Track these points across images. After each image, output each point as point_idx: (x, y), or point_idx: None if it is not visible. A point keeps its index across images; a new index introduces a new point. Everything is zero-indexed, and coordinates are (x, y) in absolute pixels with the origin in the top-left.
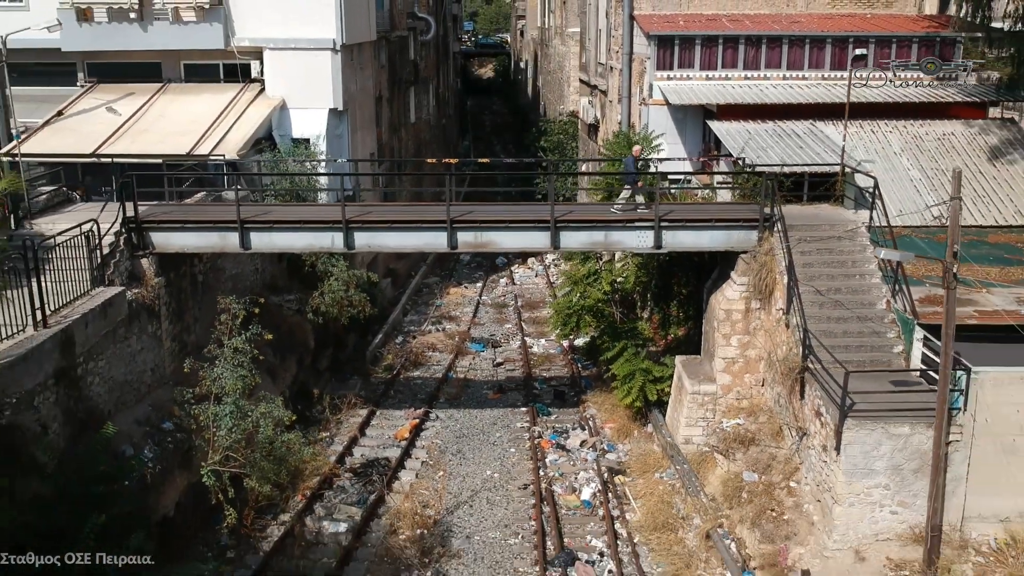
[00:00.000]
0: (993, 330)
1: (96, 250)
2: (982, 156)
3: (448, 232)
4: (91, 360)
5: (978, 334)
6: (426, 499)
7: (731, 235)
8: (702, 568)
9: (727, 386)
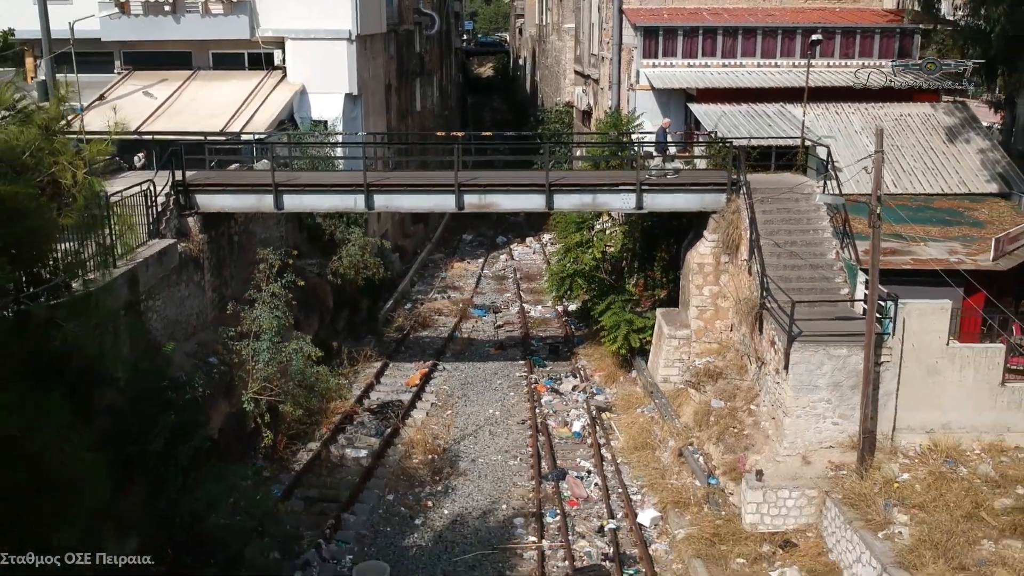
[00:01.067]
0: (927, 275)
1: (152, 207)
2: (933, 135)
3: (456, 194)
4: (150, 298)
5: (915, 279)
6: (436, 432)
7: (703, 197)
8: (674, 478)
9: (700, 331)
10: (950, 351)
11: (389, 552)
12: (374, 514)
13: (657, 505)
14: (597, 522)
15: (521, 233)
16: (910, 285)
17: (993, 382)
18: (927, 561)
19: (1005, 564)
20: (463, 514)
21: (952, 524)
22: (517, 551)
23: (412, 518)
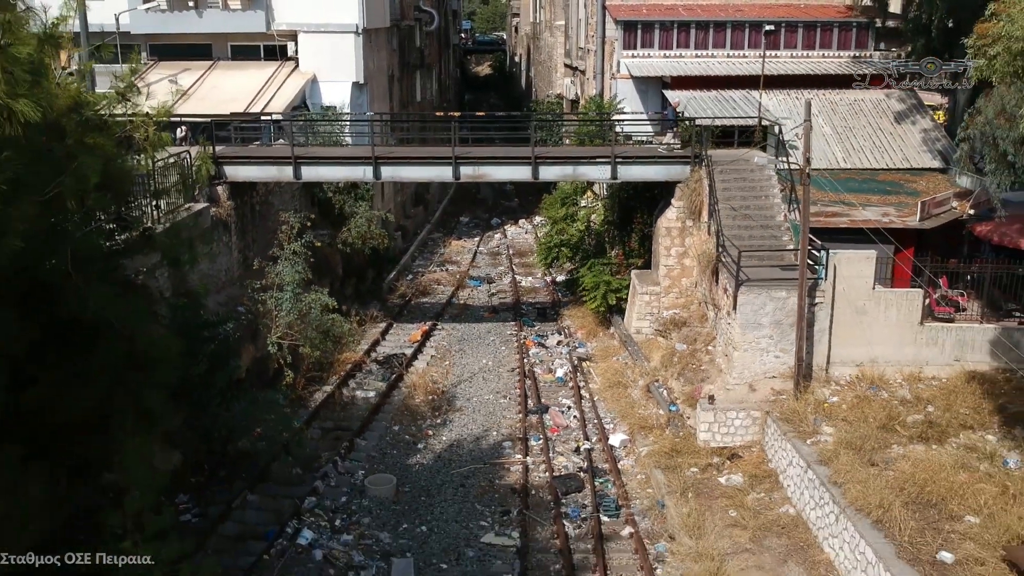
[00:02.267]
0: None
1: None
2: (883, 118)
3: (453, 166)
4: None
5: (857, 238)
6: (435, 378)
7: (670, 169)
8: (642, 409)
9: (668, 287)
10: (876, 294)
11: (395, 468)
12: (382, 440)
13: (626, 430)
14: (574, 444)
15: (514, 216)
16: (852, 243)
17: (913, 322)
18: (844, 459)
19: (908, 460)
20: (459, 439)
21: (868, 432)
22: (505, 465)
23: (415, 443)
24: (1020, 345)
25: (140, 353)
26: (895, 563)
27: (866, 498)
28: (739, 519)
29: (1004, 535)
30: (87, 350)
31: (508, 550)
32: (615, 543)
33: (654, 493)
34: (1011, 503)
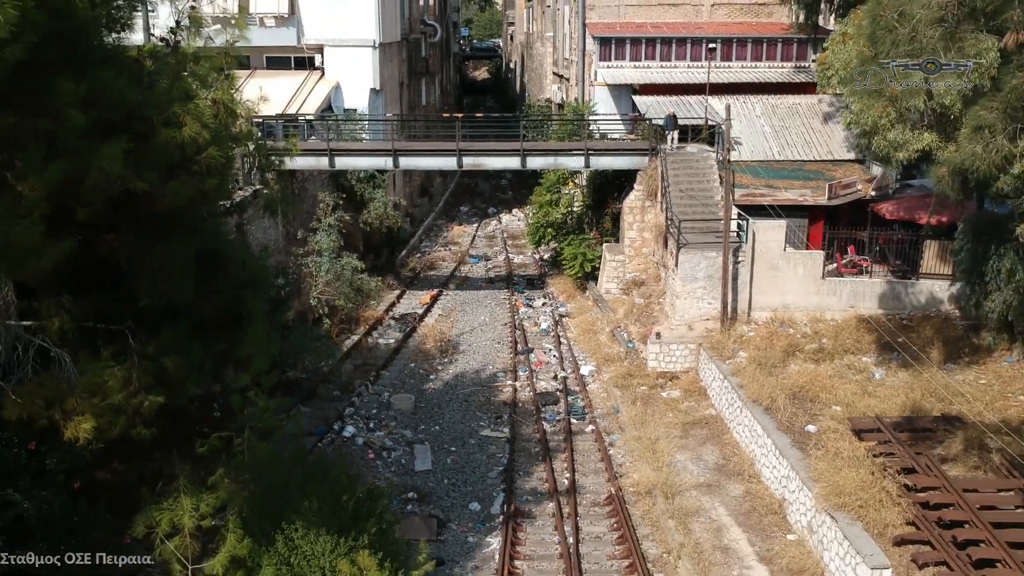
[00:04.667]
0: (790, 210)
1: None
2: (814, 118)
3: (457, 157)
4: (249, 224)
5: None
6: (443, 330)
7: (633, 159)
8: (607, 348)
9: (631, 256)
10: (786, 255)
11: (413, 391)
12: (402, 372)
13: (593, 363)
14: (553, 374)
15: (508, 206)
16: (778, 217)
17: (816, 277)
18: (750, 371)
19: (798, 372)
20: (463, 372)
21: (772, 355)
22: (499, 388)
23: (428, 375)
24: (899, 295)
25: (250, 275)
26: (775, 433)
27: (760, 394)
28: (673, 418)
29: (855, 415)
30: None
31: (500, 440)
32: (580, 436)
33: (612, 404)
34: (867, 397)
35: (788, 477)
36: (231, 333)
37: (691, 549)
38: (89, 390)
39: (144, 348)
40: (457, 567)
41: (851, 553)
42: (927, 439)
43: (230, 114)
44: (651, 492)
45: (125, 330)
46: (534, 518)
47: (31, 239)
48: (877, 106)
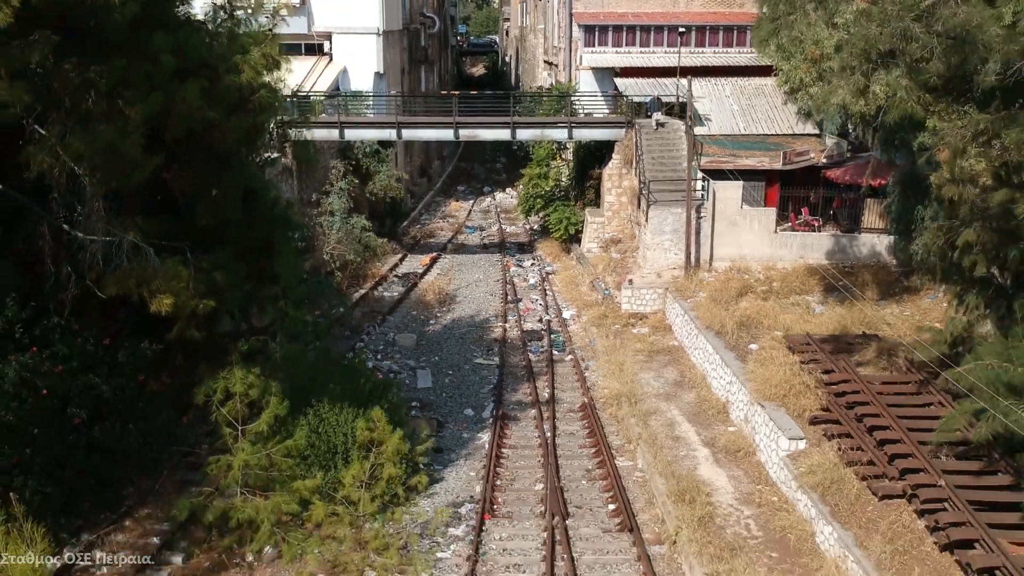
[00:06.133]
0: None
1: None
2: (778, 98)
3: (454, 128)
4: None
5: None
6: (441, 285)
7: (611, 131)
8: (587, 296)
9: (609, 218)
10: (743, 212)
11: (415, 332)
12: (405, 318)
13: (574, 309)
14: (538, 317)
15: (503, 186)
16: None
17: (769, 231)
18: (707, 307)
19: (747, 306)
20: (459, 317)
21: (727, 295)
22: (491, 328)
23: (428, 320)
24: (844, 247)
25: (281, 212)
26: (723, 350)
27: (713, 322)
28: (641, 347)
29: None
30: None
31: (491, 366)
32: (560, 363)
33: (589, 339)
34: (805, 324)
35: (731, 382)
36: (266, 257)
37: (648, 438)
38: (168, 276)
39: (199, 263)
40: (453, 454)
41: (774, 430)
42: (848, 351)
43: (275, 65)
44: (618, 400)
45: (184, 248)
46: (519, 420)
47: (135, 151)
48: (802, 66)
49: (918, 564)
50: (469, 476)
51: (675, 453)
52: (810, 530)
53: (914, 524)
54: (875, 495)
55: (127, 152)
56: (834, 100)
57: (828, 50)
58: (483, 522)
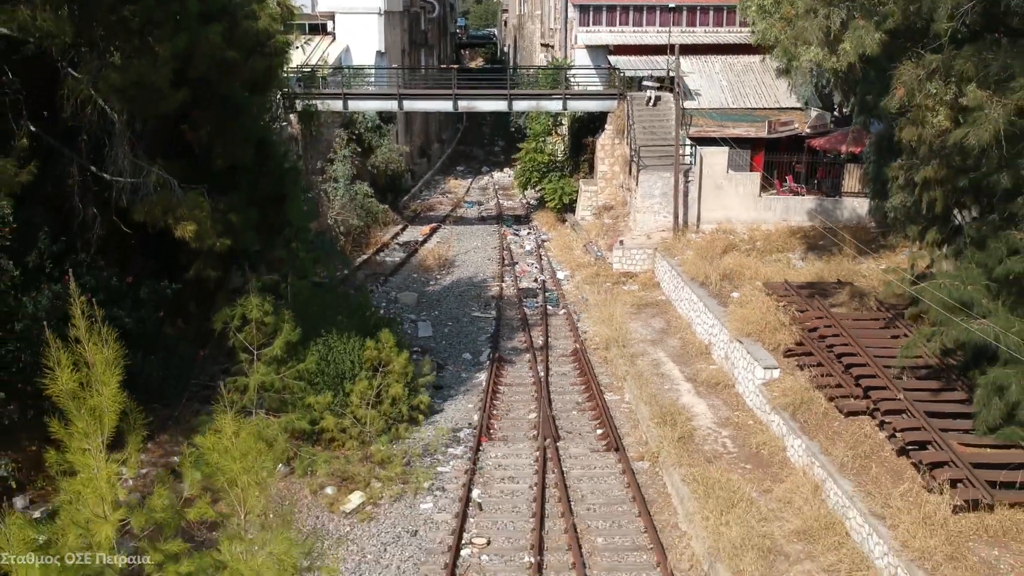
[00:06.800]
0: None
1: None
2: (765, 74)
3: (453, 100)
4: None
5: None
6: (441, 252)
7: (604, 103)
8: (580, 259)
9: (603, 187)
10: (728, 176)
11: (416, 291)
12: (407, 279)
13: (568, 270)
14: (534, 278)
15: (501, 167)
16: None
17: (754, 194)
18: (693, 262)
19: (732, 261)
20: (458, 279)
21: (712, 251)
22: (488, 288)
23: (428, 281)
24: (826, 210)
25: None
26: (707, 299)
27: (697, 274)
28: (630, 301)
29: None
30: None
31: (488, 319)
32: (554, 317)
33: (581, 295)
34: (784, 275)
35: (712, 325)
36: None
37: (634, 375)
38: (190, 205)
39: (216, 205)
40: (452, 391)
41: (751, 362)
42: (823, 295)
43: (290, 13)
44: (607, 345)
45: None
46: (514, 363)
47: (164, 83)
48: (777, 25)
49: (876, 465)
50: (467, 408)
51: (659, 387)
52: (781, 445)
53: (875, 435)
54: (841, 412)
55: (157, 84)
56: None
57: (800, 10)
58: (480, 444)
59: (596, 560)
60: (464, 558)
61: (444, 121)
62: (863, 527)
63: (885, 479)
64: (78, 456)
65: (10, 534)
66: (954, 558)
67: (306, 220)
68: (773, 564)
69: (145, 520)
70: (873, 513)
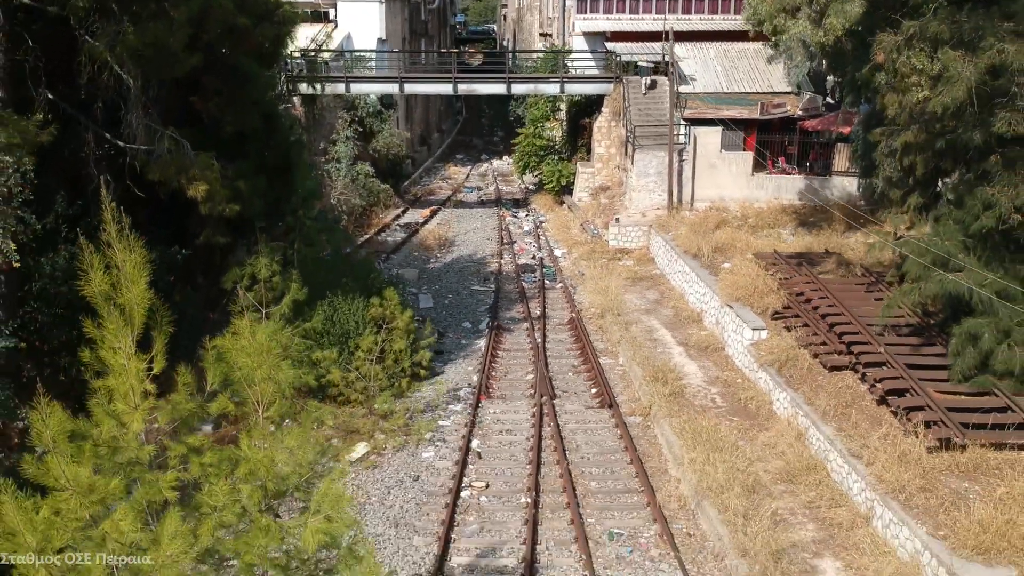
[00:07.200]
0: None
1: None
2: (760, 61)
3: (453, 83)
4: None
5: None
6: (441, 232)
7: (601, 86)
8: (577, 237)
9: (600, 168)
10: (721, 155)
11: (417, 268)
12: (408, 257)
13: (565, 248)
14: (532, 255)
15: (500, 154)
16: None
17: (746, 173)
18: (687, 236)
19: (722, 235)
20: (458, 257)
21: (705, 226)
22: (487, 264)
23: (429, 259)
24: (816, 189)
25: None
26: (699, 269)
27: (690, 247)
28: (626, 275)
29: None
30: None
31: (488, 292)
32: (552, 290)
33: (578, 270)
34: (772, 248)
35: (704, 293)
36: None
37: (628, 340)
38: (202, 166)
39: (225, 171)
40: (452, 355)
41: (740, 324)
42: (811, 264)
43: None
44: (603, 314)
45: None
46: (512, 331)
47: (179, 46)
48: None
49: (857, 413)
50: (467, 370)
51: (652, 351)
52: (768, 399)
53: (857, 387)
54: (825, 367)
55: (173, 47)
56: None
57: None
58: (479, 401)
59: (589, 501)
60: (464, 499)
61: (444, 112)
62: (843, 467)
63: (865, 425)
64: (110, 354)
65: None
66: (926, 489)
67: (311, 193)
68: (756, 500)
69: (171, 414)
70: (852, 453)
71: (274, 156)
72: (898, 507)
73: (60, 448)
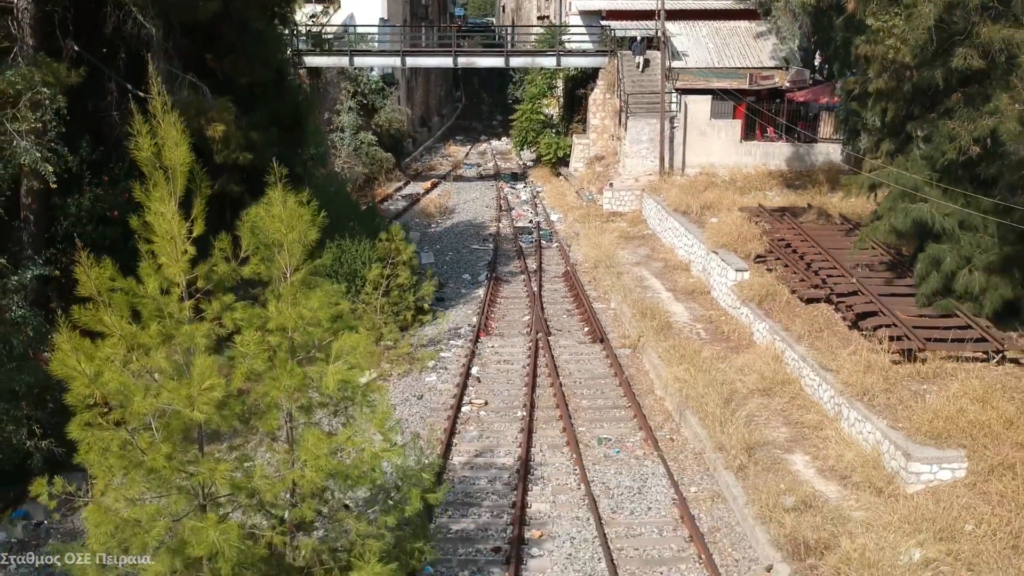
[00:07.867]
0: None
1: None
2: (750, 38)
3: (453, 56)
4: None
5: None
6: (442, 201)
7: (595, 59)
8: (572, 203)
9: (595, 139)
10: (711, 123)
11: (419, 231)
12: (409, 222)
13: (561, 213)
14: (529, 220)
15: (498, 135)
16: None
17: (735, 140)
18: (677, 196)
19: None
20: (458, 222)
21: (696, 187)
22: (486, 227)
23: (430, 224)
24: (803, 155)
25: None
26: (688, 225)
27: (680, 204)
28: (618, 234)
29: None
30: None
31: (486, 250)
32: (548, 249)
33: (574, 231)
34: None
35: (692, 244)
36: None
37: (620, 287)
38: (220, 109)
39: (239, 121)
40: (453, 303)
41: (724, 267)
42: (793, 215)
43: None
44: (596, 266)
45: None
46: (509, 282)
47: None
48: None
49: (830, 335)
50: (467, 313)
51: (642, 295)
52: (748, 331)
53: (832, 315)
54: (802, 300)
55: None
56: None
57: None
58: (479, 338)
59: (580, 415)
60: (464, 413)
61: (444, 97)
62: (815, 379)
63: (836, 344)
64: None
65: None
66: (888, 391)
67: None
68: (734, 407)
69: (207, 274)
70: (823, 366)
71: (285, 110)
72: (862, 407)
73: (104, 298)
